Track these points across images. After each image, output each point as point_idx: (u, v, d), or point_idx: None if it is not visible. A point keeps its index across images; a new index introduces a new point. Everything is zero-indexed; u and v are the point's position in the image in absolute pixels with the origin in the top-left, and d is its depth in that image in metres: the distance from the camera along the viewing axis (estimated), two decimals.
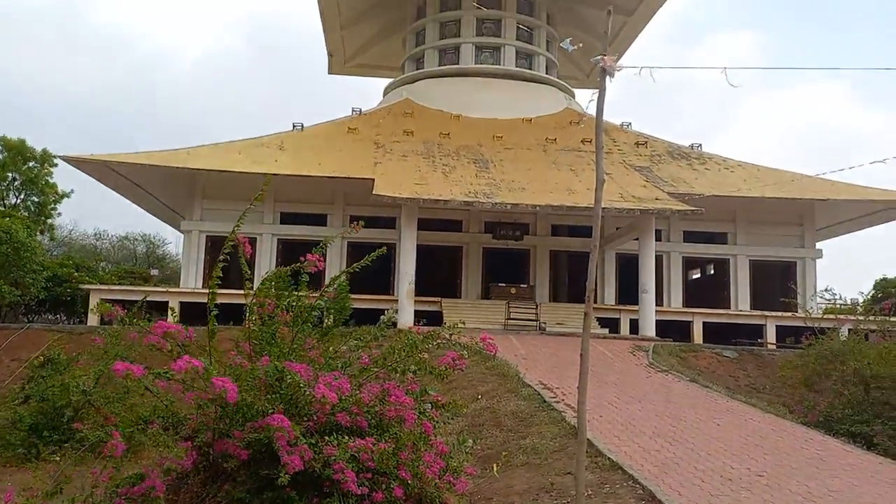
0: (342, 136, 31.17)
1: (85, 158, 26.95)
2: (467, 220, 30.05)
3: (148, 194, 31.46)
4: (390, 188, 24.85)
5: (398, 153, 29.33)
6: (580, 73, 41.06)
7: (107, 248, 54.06)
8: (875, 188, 29.07)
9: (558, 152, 29.95)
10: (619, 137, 32.84)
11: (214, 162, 27.51)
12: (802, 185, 28.69)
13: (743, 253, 30.78)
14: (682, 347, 21.89)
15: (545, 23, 36.06)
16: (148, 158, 27.38)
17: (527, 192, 26.02)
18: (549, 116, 33.51)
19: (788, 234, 31.20)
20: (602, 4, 31.65)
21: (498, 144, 30.54)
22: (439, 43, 35.39)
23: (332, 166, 28.17)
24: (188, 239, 29.62)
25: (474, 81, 34.20)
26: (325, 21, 38.27)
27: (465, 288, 29.79)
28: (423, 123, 31.98)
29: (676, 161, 31.33)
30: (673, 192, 26.97)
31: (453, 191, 25.47)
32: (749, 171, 30.96)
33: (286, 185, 28.64)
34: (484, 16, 34.44)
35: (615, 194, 25.37)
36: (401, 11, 38.53)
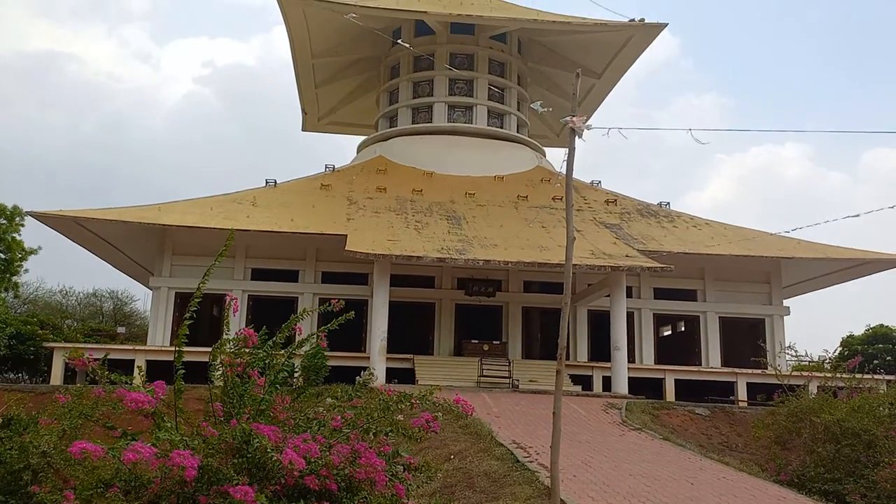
0: (315, 193, 31.25)
1: (53, 214, 26.66)
2: (440, 277, 30.07)
3: (117, 250, 31.11)
4: (363, 244, 24.87)
5: (371, 209, 29.44)
6: (551, 132, 41.83)
7: (73, 306, 53.03)
8: (838, 247, 29.69)
9: (530, 209, 30.27)
10: (589, 195, 33.33)
11: (186, 218, 27.37)
12: (768, 242, 29.23)
13: (713, 310, 31.08)
14: (655, 405, 21.86)
15: (516, 84, 36.83)
16: (118, 214, 27.17)
17: (499, 248, 26.18)
18: (521, 174, 33.96)
19: (756, 292, 31.64)
20: (571, 67, 32.50)
21: (470, 201, 30.82)
22: (412, 102, 35.93)
23: (305, 222, 28.17)
24: (157, 295, 29.22)
25: (447, 139, 34.65)
26: (300, 80, 38.74)
27: (437, 344, 29.63)
28: (396, 180, 32.22)
29: (646, 219, 31.80)
30: (643, 250, 27.30)
31: (426, 247, 25.55)
32: (716, 229, 31.51)
33: (258, 242, 28.55)
34: (456, 76, 35.10)
35: (586, 251, 25.61)
36: (375, 71, 39.16)
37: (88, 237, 28.83)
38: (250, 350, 6.69)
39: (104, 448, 5.20)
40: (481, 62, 35.81)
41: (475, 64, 35.73)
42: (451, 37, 35.69)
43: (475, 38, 35.68)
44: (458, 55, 35.53)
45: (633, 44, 34.70)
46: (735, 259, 28.81)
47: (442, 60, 34.31)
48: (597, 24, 33.65)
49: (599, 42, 35.44)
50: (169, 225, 27.32)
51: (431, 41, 35.35)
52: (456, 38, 35.76)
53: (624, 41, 34.66)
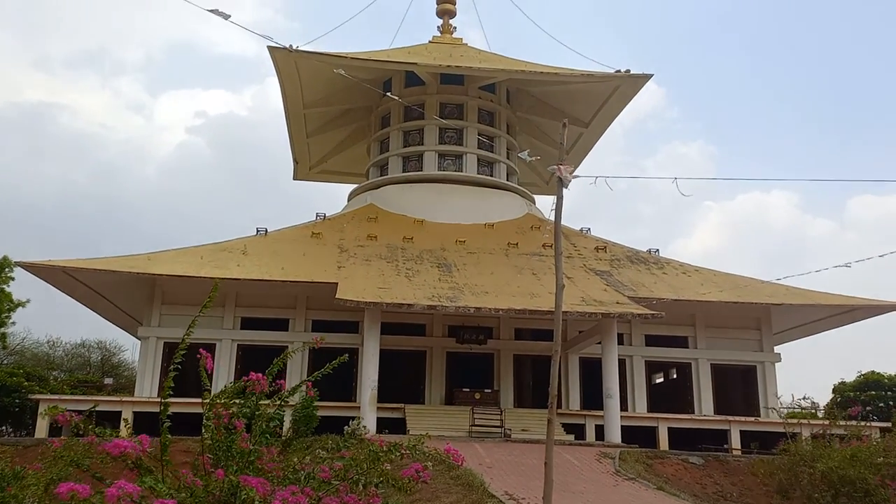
0: (306, 241, 31.29)
1: (42, 264, 26.55)
2: (431, 325, 29.96)
3: (106, 300, 30.93)
4: (353, 292, 24.82)
5: (362, 257, 29.46)
6: (540, 180, 42.22)
7: (60, 357, 52.44)
8: (827, 293, 29.81)
9: (520, 257, 30.37)
10: (579, 242, 33.50)
11: (176, 267, 27.31)
12: (758, 289, 29.36)
13: (704, 357, 31.01)
14: (649, 454, 21.65)
15: (505, 132, 37.30)
16: (107, 264, 27.08)
17: (490, 295, 26.18)
18: (511, 222, 34.16)
19: (747, 339, 31.64)
20: (559, 116, 32.97)
21: (461, 249, 30.90)
22: (403, 150, 36.27)
23: (296, 271, 28.13)
24: (145, 346, 28.96)
25: (437, 188, 34.90)
26: (292, 130, 39.12)
27: (428, 393, 29.38)
28: (386, 228, 32.33)
29: (636, 266, 31.93)
30: (633, 297, 27.34)
31: (417, 295, 25.52)
32: (706, 275, 31.65)
33: (248, 290, 28.46)
34: (446, 125, 35.53)
35: (577, 298, 25.64)
36: (366, 121, 39.62)
37: (77, 287, 28.67)
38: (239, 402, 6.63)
39: (91, 487, 5.10)
40: (471, 112, 36.30)
41: (465, 113, 36.21)
42: (441, 87, 36.23)
43: (465, 88, 36.24)
44: (447, 105, 36.04)
45: (619, 94, 35.29)
46: (725, 306, 28.87)
47: (432, 110, 34.78)
48: (584, 74, 34.28)
49: (587, 92, 36.04)
50: (158, 274, 27.23)
51: (422, 91, 35.87)
52: (446, 88, 36.31)
53: (610, 91, 35.26)
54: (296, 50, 30.12)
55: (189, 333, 6.71)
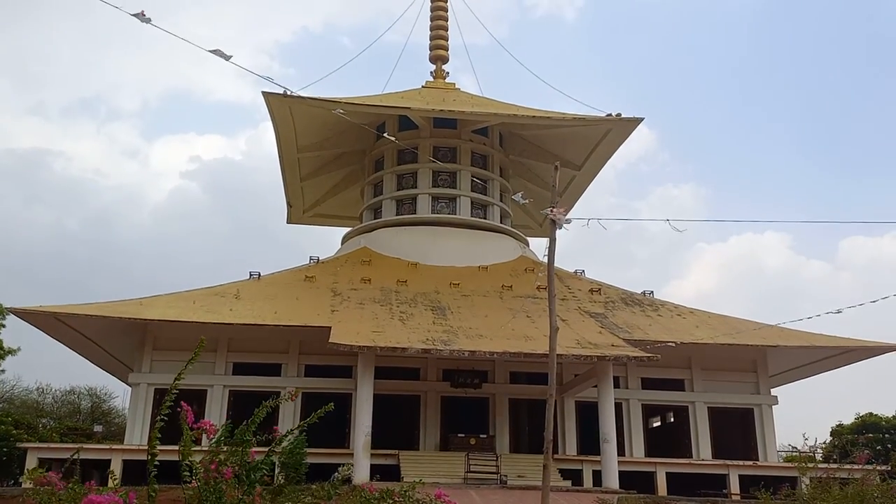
0: (299, 285, 31.16)
1: (34, 310, 26.32)
2: (425, 369, 29.69)
3: (97, 346, 30.61)
4: (347, 336, 24.62)
5: (355, 301, 29.32)
6: (533, 222, 42.35)
7: (50, 404, 51.78)
8: (822, 335, 29.72)
9: (514, 299, 30.25)
10: (573, 284, 33.43)
11: (168, 312, 27.10)
12: (753, 331, 29.23)
13: (701, 400, 30.74)
14: (647, 499, 21.33)
15: (498, 175, 37.51)
16: (99, 310, 26.85)
17: (484, 339, 26.00)
18: (505, 264, 34.13)
19: (744, 381, 31.41)
20: (551, 159, 33.20)
21: (455, 292, 30.80)
22: (397, 193, 36.40)
23: (289, 315, 27.94)
24: (135, 392, 28.58)
25: (431, 230, 34.94)
26: (286, 174, 39.28)
27: (423, 439, 28.97)
28: (380, 271, 32.25)
29: (630, 308, 31.84)
30: (629, 339, 27.18)
31: (411, 338, 25.32)
32: (700, 317, 31.56)
33: (241, 335, 28.22)
34: (440, 168, 35.74)
35: (572, 341, 25.48)
36: (359, 164, 39.84)
37: (68, 333, 28.39)
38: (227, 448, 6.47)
39: None
40: (464, 155, 36.55)
41: (458, 157, 36.46)
42: (434, 131, 36.53)
43: (458, 131, 36.54)
44: (441, 148, 36.30)
45: (610, 137, 35.64)
46: (721, 348, 28.71)
47: (425, 154, 35.01)
48: (575, 118, 34.63)
49: (578, 135, 36.39)
50: (150, 319, 27.01)
51: (415, 135, 36.15)
52: (439, 132, 36.61)
53: (602, 135, 35.61)
54: (290, 95, 30.36)
55: (179, 378, 6.57)
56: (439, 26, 41.64)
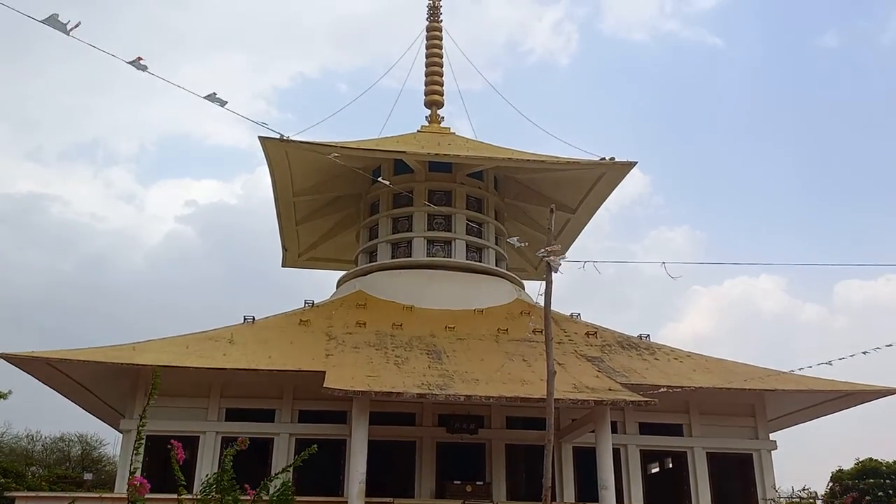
0: (294, 329, 30.95)
1: (25, 356, 26.02)
2: (420, 414, 29.35)
3: (89, 392, 30.24)
4: (342, 381, 24.36)
5: (350, 345, 29.10)
6: (529, 265, 42.35)
7: (39, 451, 51.01)
8: (821, 378, 29.53)
9: (510, 343, 30.07)
10: (569, 328, 33.29)
11: (161, 357, 26.79)
12: (750, 375, 29.04)
13: (699, 445, 30.36)
14: None
15: (493, 219, 37.61)
16: (91, 355, 26.57)
17: (480, 383, 25.76)
18: (501, 307, 34.00)
19: (742, 426, 31.06)
20: (546, 202, 33.27)
21: (451, 335, 30.62)
22: (392, 237, 36.43)
23: (283, 359, 27.69)
24: (127, 439, 28.09)
25: (427, 273, 34.89)
26: (282, 218, 39.34)
27: (418, 485, 28.49)
28: (375, 315, 32.09)
29: (627, 351, 31.66)
30: (626, 383, 26.97)
31: (406, 383, 25.07)
32: (697, 361, 31.37)
33: (234, 380, 27.91)
34: (435, 212, 35.85)
35: (569, 385, 25.25)
36: (355, 208, 39.95)
37: (60, 379, 28.04)
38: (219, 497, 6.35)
39: None
40: (459, 198, 36.68)
41: (453, 200, 36.58)
42: (429, 174, 36.72)
43: (453, 175, 36.74)
44: (436, 192, 36.43)
45: (605, 181, 35.86)
46: (718, 392, 28.48)
47: (421, 197, 35.14)
48: (569, 162, 34.89)
49: (573, 179, 36.62)
50: (143, 364, 26.71)
51: (410, 179, 36.32)
52: (434, 175, 36.80)
53: (596, 178, 35.84)
54: (287, 139, 30.55)
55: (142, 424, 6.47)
56: (434, 72, 42.18)
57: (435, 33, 43.04)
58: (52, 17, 8.81)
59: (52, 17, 8.82)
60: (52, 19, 8.81)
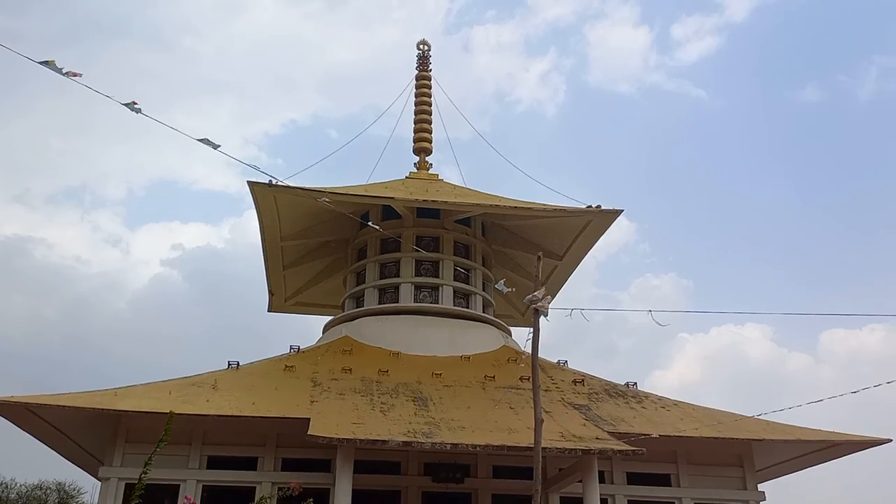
0: (278, 374, 30.61)
1: (4, 400, 25.55)
2: (406, 462, 28.91)
3: (67, 438, 29.65)
4: (326, 428, 24.03)
5: (336, 391, 28.78)
6: (516, 312, 42.27)
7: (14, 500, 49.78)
8: (808, 429, 29.44)
9: (497, 390, 29.84)
10: (556, 375, 33.12)
11: (143, 403, 26.40)
12: (738, 424, 28.90)
13: (688, 496, 29.97)
14: None
15: (481, 265, 37.66)
16: (72, 400, 26.12)
17: (466, 430, 25.48)
18: (487, 354, 33.83)
19: (730, 476, 30.74)
20: (533, 249, 33.42)
21: (437, 382, 30.36)
22: (379, 282, 36.34)
23: (267, 406, 27.32)
24: (105, 487, 27.46)
25: (414, 319, 34.74)
26: (269, 262, 39.23)
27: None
28: (361, 360, 31.83)
29: (614, 399, 31.47)
30: (613, 432, 26.74)
31: (392, 430, 24.75)
32: (685, 409, 31.20)
33: (217, 427, 27.46)
34: (422, 258, 35.87)
35: (556, 433, 25.01)
36: (342, 253, 39.93)
37: (38, 424, 27.50)
38: None
39: None
40: (447, 244, 36.76)
41: (441, 246, 36.65)
42: (417, 220, 36.83)
43: (440, 221, 36.87)
44: (424, 238, 36.48)
45: (591, 228, 36.09)
46: (706, 441, 28.28)
47: (408, 243, 35.20)
48: (556, 209, 35.14)
49: (559, 226, 36.84)
50: (124, 411, 26.27)
51: (398, 224, 36.41)
52: (422, 221, 36.92)
53: (583, 226, 36.08)
54: (275, 184, 30.66)
55: (146, 472, 6.32)
56: (423, 119, 42.66)
57: (424, 82, 43.65)
58: (51, 61, 8.90)
59: (51, 62, 8.91)
60: (51, 64, 8.90)
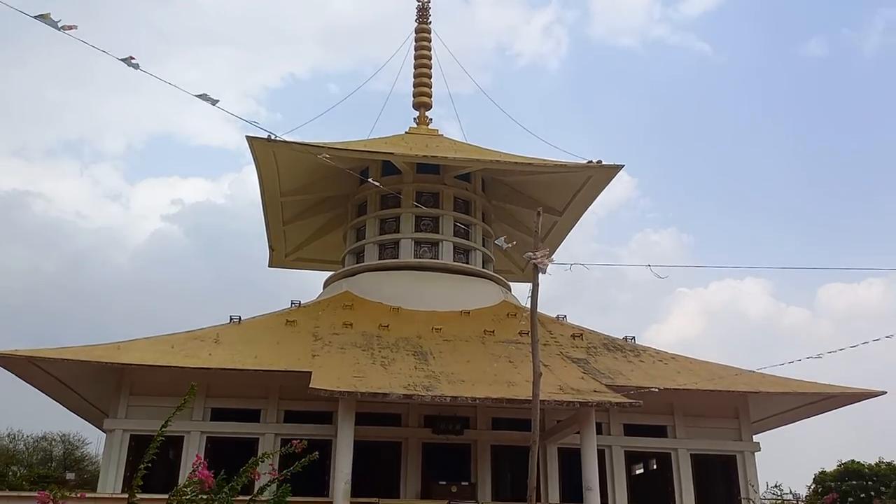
0: (280, 329, 30.89)
1: (8, 354, 25.84)
2: (406, 414, 29.37)
3: (71, 391, 30.05)
4: (328, 381, 24.35)
5: (337, 345, 29.08)
6: (516, 267, 42.45)
7: (21, 451, 50.60)
8: (804, 381, 29.81)
9: (497, 344, 30.17)
10: (555, 330, 33.41)
11: (145, 356, 26.72)
12: (735, 377, 29.28)
13: (683, 447, 30.55)
14: None
15: (481, 220, 37.69)
16: (75, 354, 26.42)
17: (466, 384, 25.82)
18: (487, 309, 34.08)
19: (726, 427, 31.29)
20: (533, 205, 33.42)
21: (437, 336, 30.65)
22: (379, 238, 36.42)
23: (269, 359, 27.64)
24: (110, 438, 27.97)
25: (414, 275, 34.91)
26: (269, 218, 39.24)
27: (404, 486, 28.51)
28: (362, 316, 32.08)
29: (612, 353, 31.81)
30: (611, 385, 27.11)
31: (392, 384, 25.09)
32: (682, 363, 31.56)
33: (219, 380, 27.81)
34: (422, 213, 35.88)
35: (554, 386, 25.35)
36: (342, 209, 39.91)
37: (43, 378, 27.87)
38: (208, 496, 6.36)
39: None
40: (446, 200, 36.72)
41: (441, 202, 36.61)
42: (417, 176, 36.74)
43: (440, 177, 36.79)
44: (424, 193, 36.44)
45: (592, 183, 36.02)
46: (702, 394, 28.69)
47: (408, 198, 35.16)
48: (556, 165, 35.02)
49: (560, 182, 36.76)
50: (127, 364, 26.59)
51: (398, 180, 36.33)
52: (422, 177, 36.83)
53: (583, 181, 35.99)
54: (274, 140, 30.49)
55: (165, 426, 6.50)
56: (423, 73, 42.23)
57: (424, 35, 43.11)
58: (46, 15, 8.80)
59: (47, 16, 8.81)
60: (46, 17, 8.80)
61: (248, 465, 6.51)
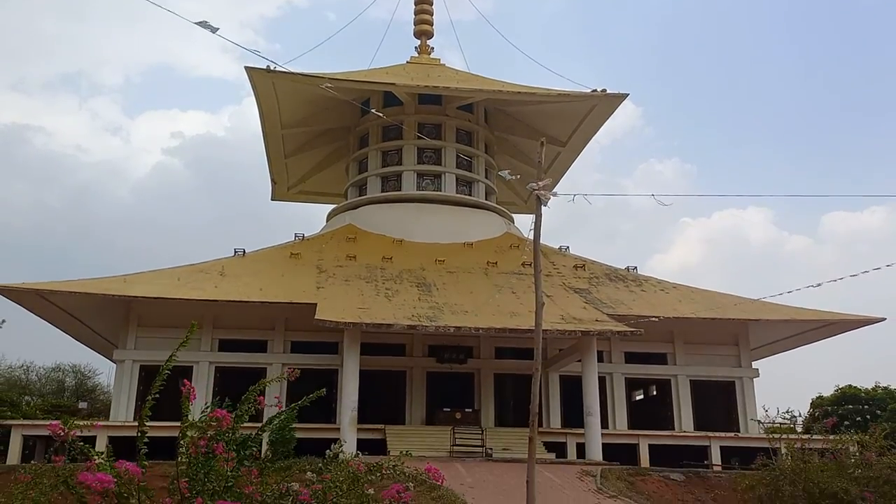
0: (284, 262, 31.10)
1: (15, 287, 26.14)
2: (411, 345, 29.84)
3: (81, 323, 30.49)
4: (333, 313, 24.67)
5: (341, 278, 29.33)
6: (518, 199, 42.36)
7: (35, 381, 51.60)
8: (803, 308, 30.08)
9: (499, 276, 30.38)
10: (558, 261, 33.58)
11: (152, 289, 27.00)
12: (735, 305, 29.54)
13: (683, 373, 31.10)
14: (630, 471, 21.63)
15: (483, 152, 37.43)
16: (82, 286, 26.71)
17: (469, 315, 26.13)
18: (490, 241, 34.19)
19: (725, 354, 31.80)
20: (536, 136, 33.17)
21: (440, 268, 30.87)
22: (381, 170, 36.26)
23: (274, 292, 27.93)
24: (120, 369, 28.54)
25: (416, 207, 34.90)
26: (270, 150, 39.00)
27: (409, 413, 29.19)
28: (365, 248, 32.24)
29: (614, 283, 32.05)
30: (612, 314, 27.42)
31: (396, 315, 25.41)
32: (683, 292, 31.83)
33: (226, 312, 28.19)
34: (425, 145, 35.63)
35: (556, 316, 25.66)
36: (344, 141, 39.62)
37: (52, 310, 28.24)
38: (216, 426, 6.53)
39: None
40: (449, 131, 36.41)
41: (443, 133, 36.31)
42: (419, 107, 36.35)
43: (442, 108, 36.38)
44: (426, 125, 36.12)
45: (596, 113, 35.62)
46: (703, 322, 29.04)
47: (410, 130, 34.86)
48: (560, 94, 34.57)
49: (563, 111, 36.33)
50: (134, 296, 26.90)
51: (400, 111, 35.94)
52: (424, 108, 36.44)
53: (587, 111, 35.58)
54: (274, 70, 30.06)
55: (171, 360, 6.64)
56: (424, 0, 41.27)
57: None
58: None
59: None
60: None
61: (251, 391, 6.67)
